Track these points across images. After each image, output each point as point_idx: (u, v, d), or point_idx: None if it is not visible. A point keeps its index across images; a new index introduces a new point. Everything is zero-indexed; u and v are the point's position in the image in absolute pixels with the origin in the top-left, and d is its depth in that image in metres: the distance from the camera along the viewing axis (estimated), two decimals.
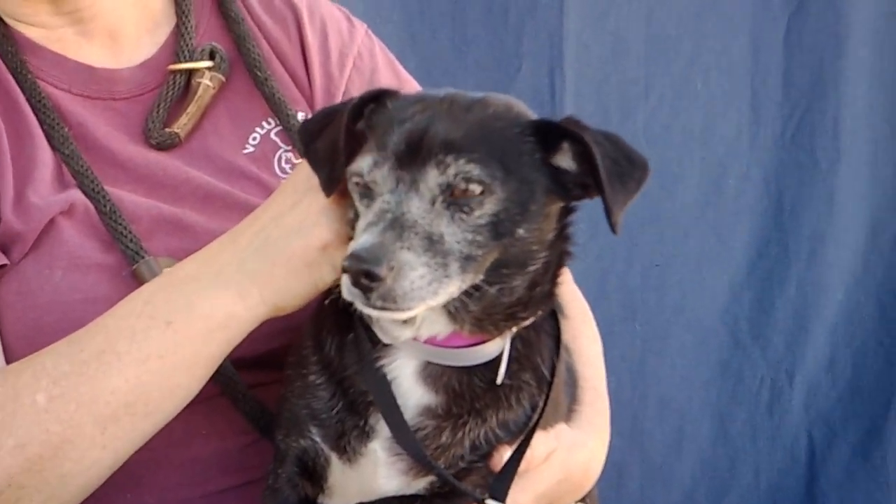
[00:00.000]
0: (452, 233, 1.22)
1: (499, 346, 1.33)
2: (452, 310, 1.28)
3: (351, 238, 1.30)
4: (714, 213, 2.93)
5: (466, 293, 1.26)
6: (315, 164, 1.34)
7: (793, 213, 2.96)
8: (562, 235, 1.33)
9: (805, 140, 2.95)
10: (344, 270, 1.20)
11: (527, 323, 1.34)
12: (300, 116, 1.71)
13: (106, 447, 1.38)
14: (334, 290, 1.30)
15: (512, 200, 1.24)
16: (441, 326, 1.31)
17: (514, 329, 1.33)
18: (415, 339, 1.32)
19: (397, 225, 1.20)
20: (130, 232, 1.52)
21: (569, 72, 2.77)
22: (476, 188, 1.22)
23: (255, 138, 1.69)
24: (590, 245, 2.85)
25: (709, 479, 2.98)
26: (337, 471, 1.39)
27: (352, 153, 1.30)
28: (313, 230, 1.36)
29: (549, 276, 1.33)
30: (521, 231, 1.25)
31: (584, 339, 1.68)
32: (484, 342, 1.33)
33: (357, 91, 1.76)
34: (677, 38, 2.87)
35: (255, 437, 1.56)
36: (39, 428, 1.35)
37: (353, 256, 1.19)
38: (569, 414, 1.51)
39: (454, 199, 1.22)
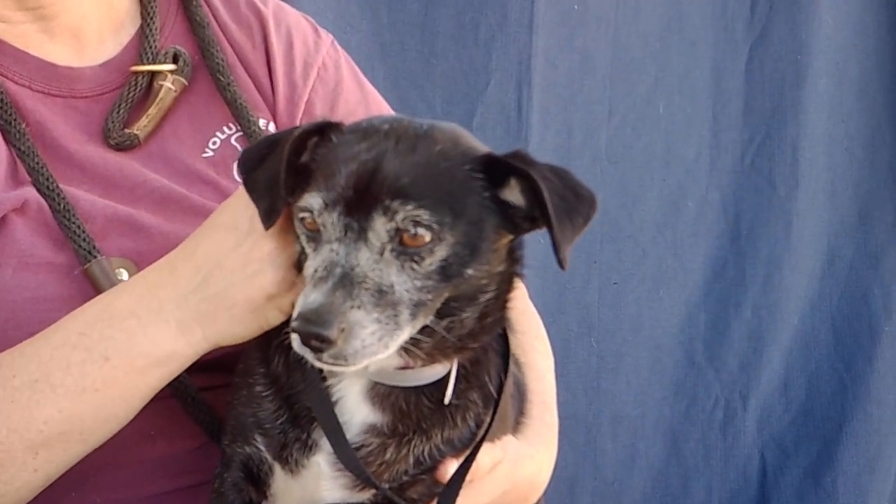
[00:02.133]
0: (402, 282, 1.21)
1: (446, 366, 1.34)
2: (403, 349, 1.26)
3: (297, 281, 1.29)
4: (672, 233, 2.96)
5: (417, 334, 1.25)
6: (255, 195, 1.31)
7: (750, 237, 3.01)
8: (511, 261, 1.32)
9: (764, 166, 3.00)
10: (293, 330, 1.19)
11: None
12: (262, 123, 1.71)
13: (37, 470, 1.38)
14: (282, 330, 1.28)
15: (461, 243, 1.23)
16: (392, 361, 1.30)
17: (465, 356, 1.33)
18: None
19: (347, 281, 1.19)
20: (84, 231, 1.51)
21: (536, 89, 2.79)
22: (426, 235, 1.20)
23: (214, 143, 1.69)
24: (548, 261, 2.86)
25: (660, 497, 3.00)
26: (280, 480, 1.39)
27: (293, 186, 1.28)
28: (256, 279, 1.34)
29: (500, 303, 1.33)
30: (470, 271, 1.24)
31: (536, 353, 1.69)
32: None
33: (321, 101, 1.77)
34: (641, 60, 2.90)
35: (203, 441, 1.56)
36: None
37: (303, 318, 1.17)
38: (516, 426, 1.52)
39: (404, 247, 1.21)
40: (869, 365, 3.08)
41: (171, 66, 1.68)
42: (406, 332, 1.23)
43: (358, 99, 1.81)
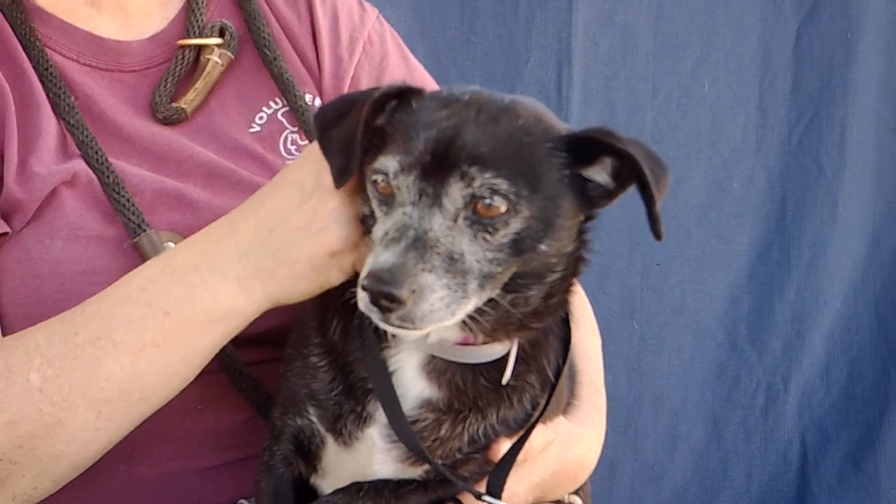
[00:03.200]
0: (473, 252, 1.20)
1: (506, 346, 1.32)
2: (466, 320, 1.25)
3: (360, 242, 1.28)
4: (717, 214, 2.92)
5: (481, 307, 1.24)
6: (329, 153, 1.30)
7: (795, 218, 2.96)
8: (580, 243, 1.31)
9: (811, 146, 2.94)
10: (363, 288, 1.17)
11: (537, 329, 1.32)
12: (308, 98, 1.70)
13: (99, 430, 1.38)
14: (347, 290, 1.28)
15: (536, 218, 1.21)
16: (452, 333, 1.29)
17: (525, 337, 1.32)
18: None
19: (420, 244, 1.18)
20: (133, 205, 1.51)
21: (576, 67, 2.75)
22: (502, 205, 1.19)
23: (261, 118, 1.69)
24: (591, 242, 2.83)
25: (700, 480, 2.98)
26: (332, 452, 1.39)
27: (368, 147, 1.27)
28: (321, 235, 1.33)
29: (565, 285, 1.31)
30: (542, 247, 1.23)
31: (584, 332, 1.68)
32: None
33: (366, 75, 1.76)
34: (686, 35, 2.85)
35: (250, 415, 1.56)
36: (32, 407, 1.34)
37: (374, 276, 1.16)
38: (566, 407, 1.50)
39: (478, 216, 1.20)
40: None
41: (218, 40, 1.68)
42: (473, 302, 1.21)
43: (404, 74, 1.79)
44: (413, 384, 1.33)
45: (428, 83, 1.84)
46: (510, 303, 1.25)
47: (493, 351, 1.32)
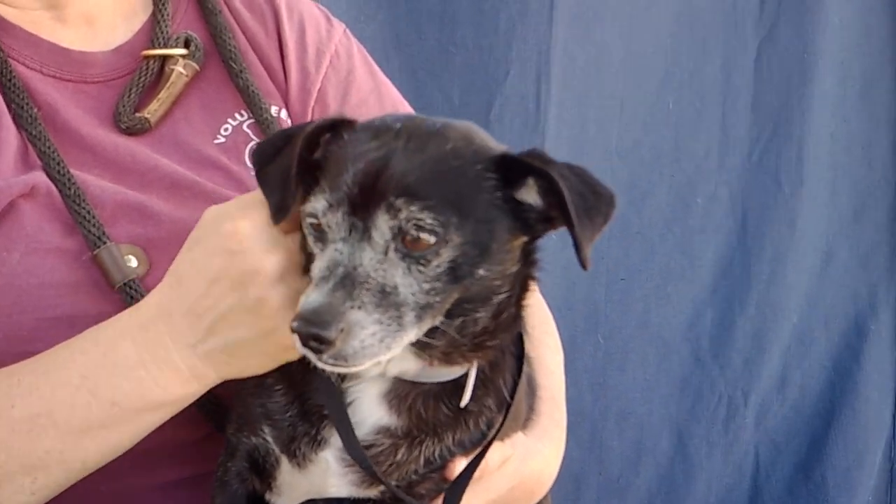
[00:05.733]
0: (408, 284, 1.19)
1: (464, 367, 1.32)
2: (418, 348, 1.25)
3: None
4: (681, 230, 2.96)
5: (428, 334, 1.23)
6: (266, 189, 1.28)
7: (756, 235, 3.00)
8: (527, 263, 1.29)
9: (771, 163, 3.00)
10: (292, 331, 1.17)
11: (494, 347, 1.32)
12: (274, 110, 1.70)
13: (35, 494, 1.37)
14: None
15: (470, 243, 1.20)
16: (410, 364, 1.29)
17: (484, 358, 1.32)
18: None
19: (348, 281, 1.17)
20: (94, 216, 1.49)
21: (554, 81, 2.76)
22: (429, 238, 1.18)
23: (226, 129, 1.68)
24: (555, 257, 2.85)
25: (665, 494, 3.01)
26: (286, 472, 1.38)
27: (307, 181, 1.26)
28: (271, 338, 1.29)
29: (514, 301, 1.30)
30: (480, 272, 1.22)
31: (546, 348, 1.68)
32: None
33: (333, 89, 1.76)
34: (652, 55, 2.89)
35: (208, 430, 1.55)
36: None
37: (302, 318, 1.16)
38: (525, 422, 1.51)
39: (408, 249, 1.18)
40: (856, 363, 3.09)
41: (183, 51, 1.68)
42: (411, 334, 1.20)
43: (370, 88, 1.80)
44: (371, 412, 1.33)
45: (395, 97, 1.85)
46: (459, 326, 1.25)
47: (452, 371, 1.32)
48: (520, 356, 1.38)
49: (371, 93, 1.79)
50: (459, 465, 1.34)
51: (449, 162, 1.21)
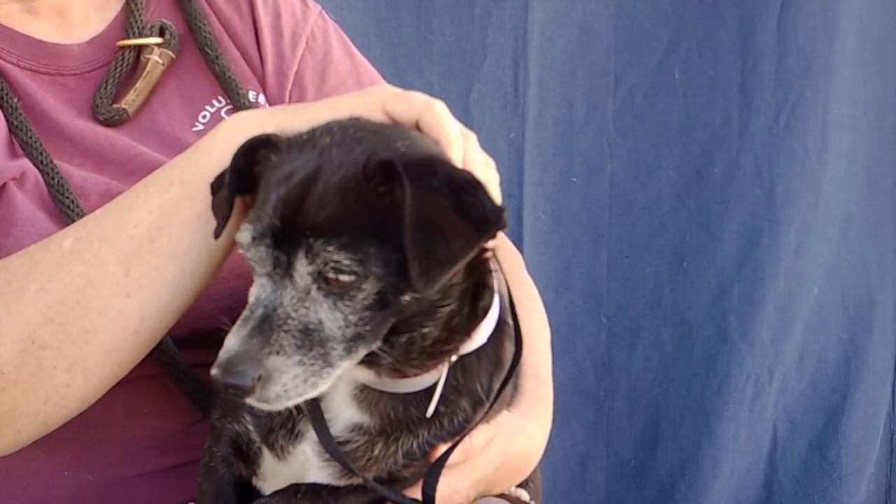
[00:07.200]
0: (334, 318, 1.15)
1: (435, 376, 1.29)
2: (369, 363, 1.22)
3: None
4: (696, 203, 2.85)
5: (371, 355, 1.20)
6: (217, 215, 1.27)
7: (784, 203, 2.87)
8: (475, 271, 1.24)
9: (799, 128, 2.86)
10: (212, 378, 1.14)
11: (464, 350, 1.29)
12: (252, 95, 1.69)
13: (130, 296, 1.33)
14: None
15: (393, 273, 1.14)
16: (365, 375, 1.27)
17: (449, 360, 1.29)
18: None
19: (266, 326, 1.13)
20: (78, 206, 1.50)
21: (532, 64, 2.73)
22: (349, 278, 1.13)
23: (204, 116, 1.68)
24: (551, 237, 2.84)
25: (690, 479, 2.90)
26: (268, 461, 1.38)
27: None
28: None
29: (466, 304, 1.25)
30: (406, 298, 1.17)
31: (530, 324, 1.66)
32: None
33: (310, 71, 1.75)
34: (650, 29, 2.82)
35: (196, 418, 1.55)
36: (63, 270, 1.33)
37: (219, 366, 1.13)
38: (510, 399, 1.49)
39: (331, 287, 1.14)
40: (868, 335, 3.01)
41: (158, 40, 1.67)
42: (341, 367, 1.18)
43: (348, 69, 1.79)
44: (342, 410, 1.31)
45: (374, 78, 1.83)
46: (406, 342, 1.22)
47: (421, 381, 1.29)
48: (503, 358, 1.34)
49: (349, 74, 1.78)
50: (442, 448, 1.33)
51: (363, 185, 1.15)
